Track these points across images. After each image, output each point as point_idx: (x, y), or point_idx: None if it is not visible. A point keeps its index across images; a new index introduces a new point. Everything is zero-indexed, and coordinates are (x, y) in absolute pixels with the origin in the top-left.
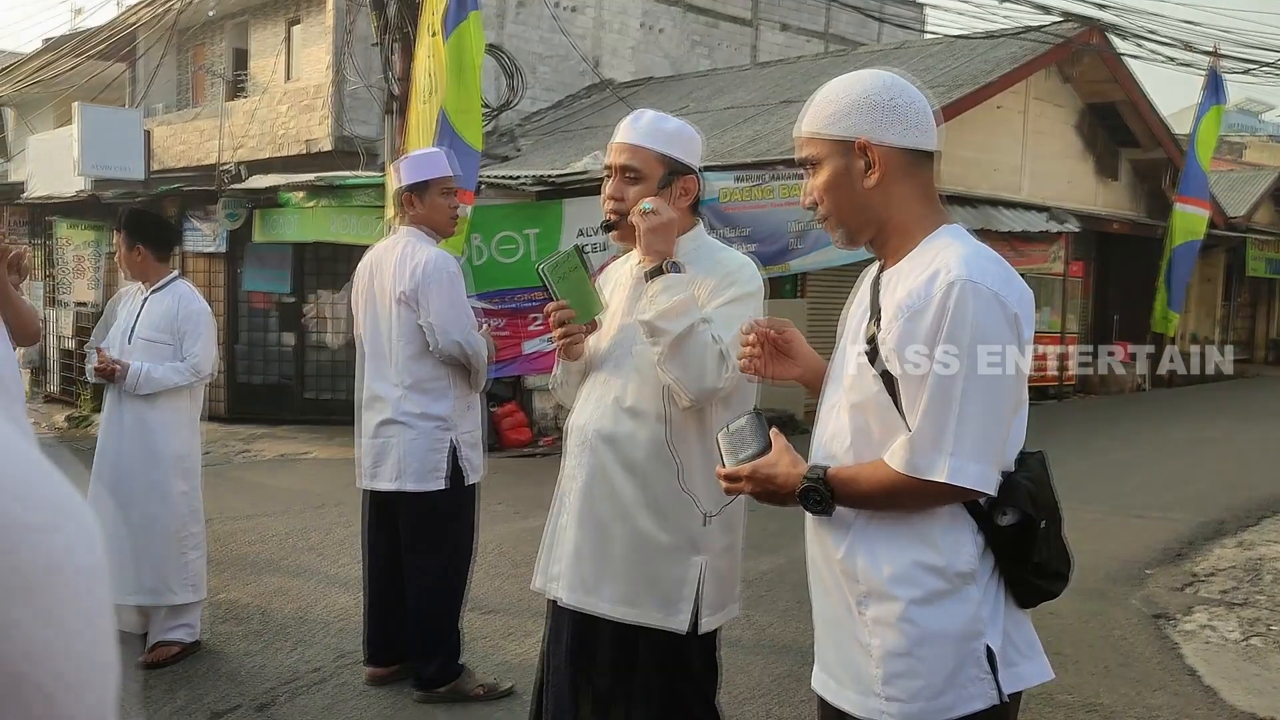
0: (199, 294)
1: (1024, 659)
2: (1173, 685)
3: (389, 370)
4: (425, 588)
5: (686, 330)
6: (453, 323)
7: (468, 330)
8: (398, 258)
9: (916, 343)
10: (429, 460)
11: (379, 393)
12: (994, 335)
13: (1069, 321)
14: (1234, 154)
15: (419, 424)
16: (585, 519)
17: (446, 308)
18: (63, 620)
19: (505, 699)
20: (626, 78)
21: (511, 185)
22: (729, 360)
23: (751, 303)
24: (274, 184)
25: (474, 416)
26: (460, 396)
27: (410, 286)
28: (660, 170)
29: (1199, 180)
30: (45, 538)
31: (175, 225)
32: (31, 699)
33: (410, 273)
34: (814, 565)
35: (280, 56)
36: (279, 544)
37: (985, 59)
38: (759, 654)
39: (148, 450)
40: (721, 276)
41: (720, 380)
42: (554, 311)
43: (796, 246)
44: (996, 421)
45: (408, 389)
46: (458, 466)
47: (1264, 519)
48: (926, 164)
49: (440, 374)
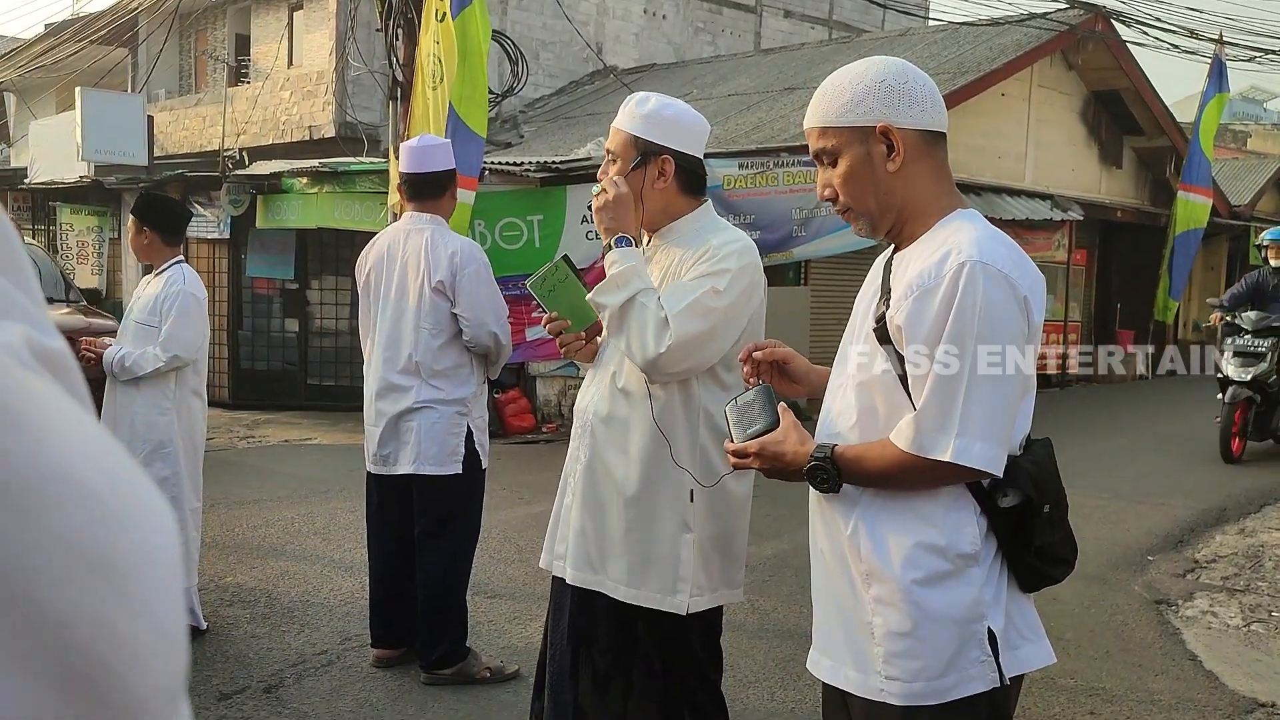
0: (195, 278)
1: (1026, 642)
2: (1174, 670)
3: (407, 358)
4: (436, 570)
5: (627, 302)
6: (490, 313)
7: (504, 320)
8: (427, 245)
9: (925, 323)
10: (448, 444)
11: (395, 381)
12: (1003, 317)
13: (1072, 310)
14: (1238, 142)
15: (440, 408)
16: (587, 499)
17: (485, 299)
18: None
19: (511, 681)
20: (629, 64)
21: (515, 171)
22: (671, 328)
23: (720, 279)
24: (277, 170)
25: (483, 401)
26: (480, 382)
27: (447, 275)
28: (632, 152)
29: (1202, 168)
30: (139, 526)
31: (187, 212)
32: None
33: (447, 261)
34: (817, 544)
35: (282, 42)
36: (284, 528)
37: (990, 46)
38: (762, 638)
39: (131, 435)
40: (700, 252)
41: (662, 346)
42: (547, 324)
43: (800, 234)
44: (1003, 402)
45: (431, 376)
46: (473, 450)
47: (1265, 506)
48: (940, 145)
49: (464, 360)
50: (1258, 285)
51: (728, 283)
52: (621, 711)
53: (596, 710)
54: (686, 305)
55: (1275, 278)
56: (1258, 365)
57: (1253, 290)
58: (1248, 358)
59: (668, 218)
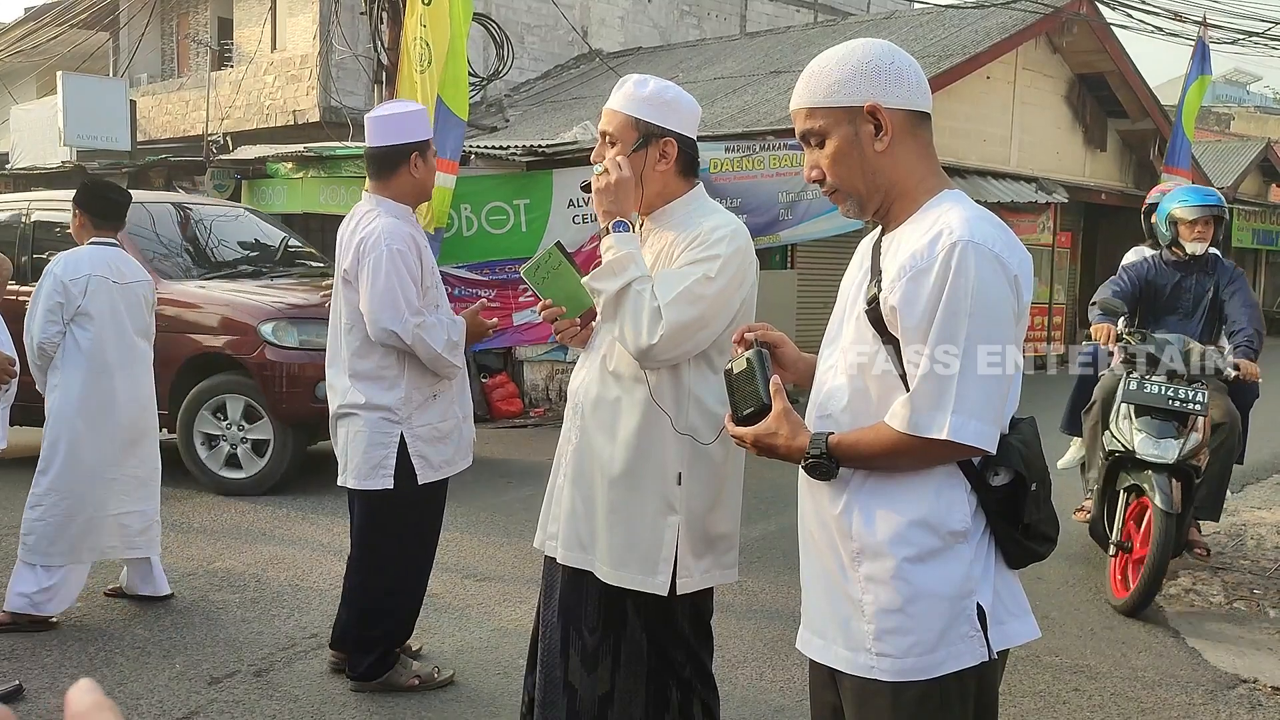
0: (86, 261)
1: (1012, 618)
2: (1157, 647)
3: (340, 355)
4: (358, 586)
5: (622, 289)
6: (385, 308)
7: (402, 317)
8: (350, 229)
9: (919, 304)
10: (372, 456)
11: (331, 380)
12: (995, 296)
13: (1056, 292)
14: (1221, 125)
15: (363, 414)
16: (578, 480)
17: (375, 292)
18: None
19: (449, 686)
20: (615, 48)
21: (501, 156)
22: (664, 317)
23: (711, 265)
24: (262, 155)
25: (441, 408)
26: (417, 386)
27: (352, 263)
28: (633, 134)
29: (1184, 150)
30: None
31: (123, 198)
32: None
33: (354, 248)
34: (806, 524)
35: (266, 26)
36: (272, 513)
37: (975, 29)
38: (751, 619)
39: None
40: (692, 237)
41: (654, 336)
42: (543, 310)
43: (786, 217)
44: (997, 380)
45: (354, 376)
46: (408, 463)
47: (1247, 485)
48: (926, 125)
49: (390, 361)
50: (1148, 281)
51: (719, 268)
52: (609, 688)
53: (585, 686)
54: (678, 294)
55: (1178, 273)
56: (1182, 438)
57: (1140, 287)
58: (1167, 422)
59: (663, 200)
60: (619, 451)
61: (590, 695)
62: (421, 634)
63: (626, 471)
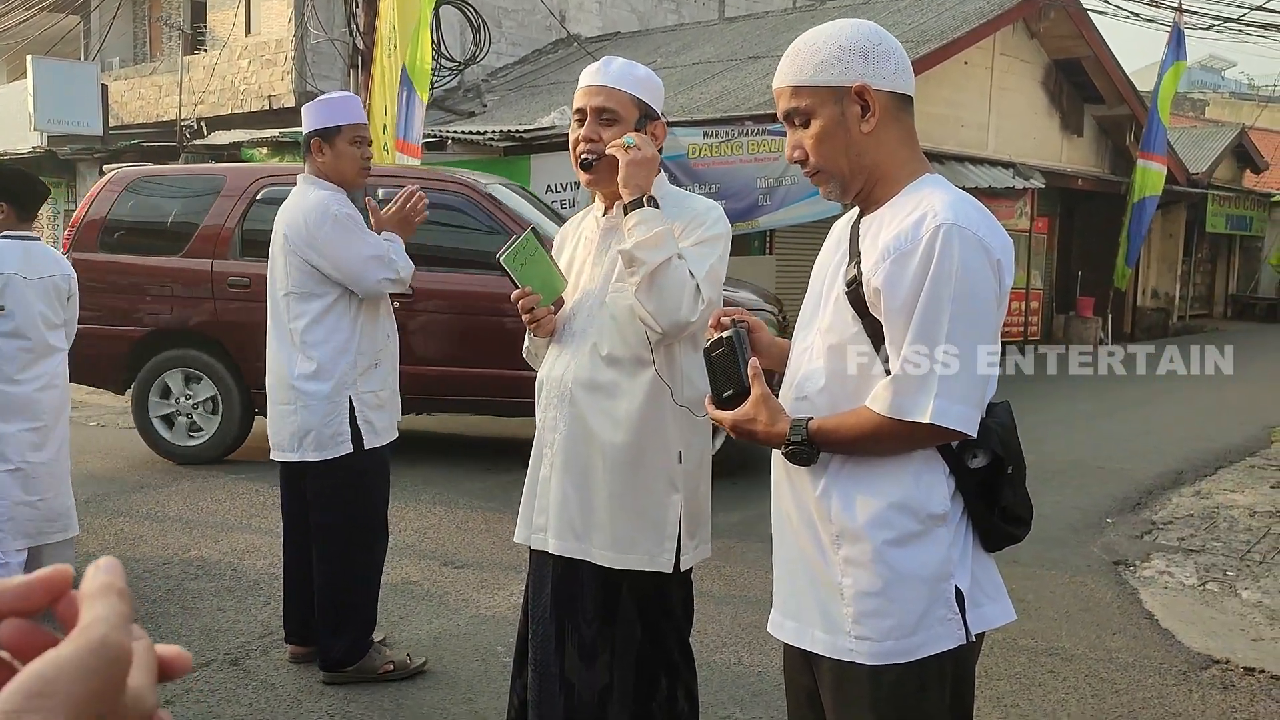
0: (5, 257)
1: (989, 600)
2: (1131, 629)
3: (283, 330)
4: (330, 560)
5: (665, 262)
6: (364, 269)
7: (384, 263)
8: (286, 207)
9: (903, 286)
10: (330, 425)
11: (275, 355)
12: (977, 279)
13: (1034, 278)
14: (1196, 111)
15: (312, 385)
16: (570, 469)
17: (350, 257)
18: None
19: (427, 674)
20: (593, 33)
21: (479, 141)
22: (703, 294)
23: (719, 245)
24: (236, 140)
25: (381, 375)
26: (363, 352)
27: (300, 238)
28: (635, 113)
29: (1159, 136)
30: None
31: (45, 188)
32: None
33: (303, 222)
34: (781, 507)
35: (239, 9)
36: (248, 502)
37: (953, 14)
38: (729, 604)
39: None
40: (690, 219)
41: (694, 313)
42: (519, 299)
43: (765, 203)
44: (978, 365)
45: (300, 348)
46: (356, 429)
47: (1220, 469)
48: (909, 109)
49: (338, 329)
50: None
51: (722, 250)
52: (609, 680)
53: (583, 681)
54: (706, 272)
55: None
56: None
57: None
58: None
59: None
60: (622, 435)
61: (589, 690)
62: (399, 621)
63: (632, 454)
